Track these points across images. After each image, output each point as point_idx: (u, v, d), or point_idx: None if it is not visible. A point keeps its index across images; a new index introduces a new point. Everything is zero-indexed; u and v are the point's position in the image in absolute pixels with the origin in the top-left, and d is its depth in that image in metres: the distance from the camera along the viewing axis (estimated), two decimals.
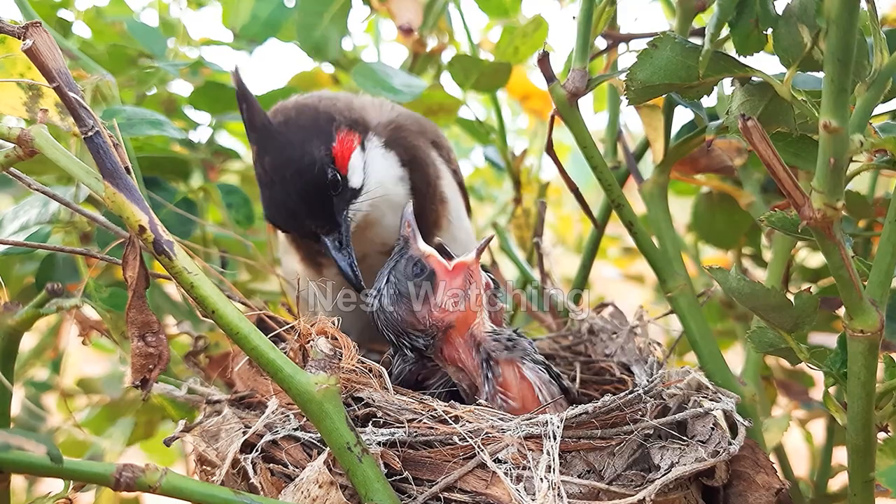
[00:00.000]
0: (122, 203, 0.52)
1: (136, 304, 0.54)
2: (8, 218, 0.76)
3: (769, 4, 0.56)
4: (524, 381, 0.66)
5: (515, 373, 0.66)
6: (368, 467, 0.54)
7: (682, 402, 0.65)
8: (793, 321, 0.59)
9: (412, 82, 0.97)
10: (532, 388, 0.66)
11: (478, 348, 0.67)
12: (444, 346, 0.68)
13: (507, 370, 0.67)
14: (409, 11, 1.01)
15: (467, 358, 0.68)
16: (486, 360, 0.67)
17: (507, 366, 0.67)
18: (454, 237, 0.82)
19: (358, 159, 0.72)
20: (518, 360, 0.67)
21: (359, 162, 0.72)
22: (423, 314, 0.67)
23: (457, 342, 0.68)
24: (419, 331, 0.67)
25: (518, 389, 0.66)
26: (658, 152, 0.75)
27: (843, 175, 0.49)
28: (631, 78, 0.60)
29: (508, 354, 0.67)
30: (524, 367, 0.67)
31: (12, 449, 0.45)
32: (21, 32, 0.52)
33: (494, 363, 0.67)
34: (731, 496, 0.65)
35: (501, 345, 0.67)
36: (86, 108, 0.52)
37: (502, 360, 0.67)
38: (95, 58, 0.91)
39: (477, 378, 0.67)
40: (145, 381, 0.54)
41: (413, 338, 0.67)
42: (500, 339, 0.67)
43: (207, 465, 0.64)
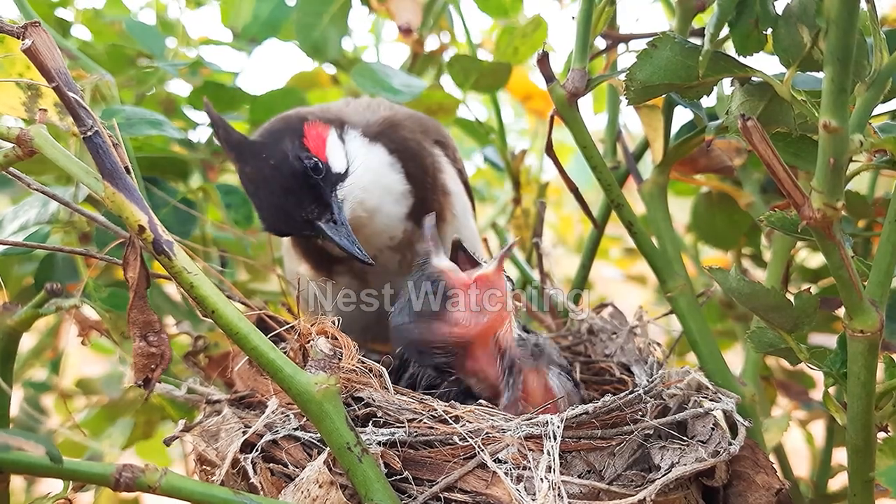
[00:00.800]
0: (122, 203, 0.52)
1: (138, 305, 0.54)
2: (7, 218, 0.76)
3: (769, 4, 0.56)
4: (548, 389, 0.66)
5: (540, 381, 0.66)
6: (368, 467, 0.54)
7: (683, 403, 0.65)
8: (792, 321, 0.59)
9: (412, 82, 0.98)
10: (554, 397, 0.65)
11: (502, 356, 0.65)
12: (465, 360, 0.66)
13: (531, 379, 0.66)
14: (409, 11, 1.01)
15: (490, 368, 0.66)
16: (509, 367, 0.65)
17: (531, 374, 0.66)
18: (459, 232, 0.81)
19: (336, 146, 0.72)
20: (544, 367, 0.66)
21: (338, 148, 0.72)
22: (442, 332, 0.65)
23: (479, 354, 0.66)
24: (440, 349, 0.66)
25: (542, 398, 0.65)
26: (657, 152, 0.75)
27: (842, 175, 0.49)
28: (630, 78, 0.60)
29: (534, 363, 0.66)
30: (549, 374, 0.66)
31: (12, 449, 0.45)
32: (20, 32, 0.51)
33: (518, 371, 0.65)
34: (731, 496, 0.65)
35: (527, 351, 0.66)
36: (85, 108, 0.52)
37: (527, 368, 0.66)
38: (94, 58, 0.91)
39: (499, 386, 0.65)
40: (148, 380, 0.54)
41: (434, 356, 0.66)
42: (525, 345, 0.66)
43: (207, 464, 0.64)
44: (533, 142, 1.27)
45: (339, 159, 0.72)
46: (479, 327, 0.65)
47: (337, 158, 0.71)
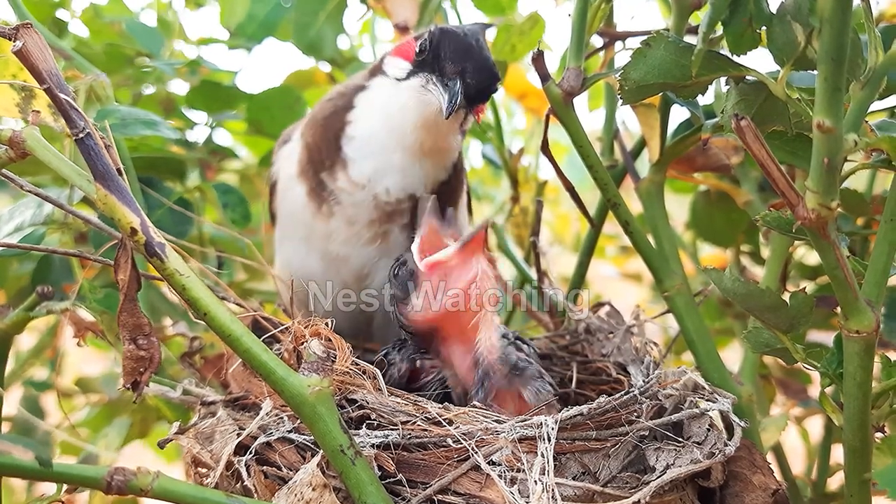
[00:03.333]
0: (114, 205, 0.52)
1: (128, 308, 0.54)
2: (3, 219, 0.76)
3: (763, 3, 0.56)
4: (523, 402, 0.65)
5: (514, 398, 0.66)
6: (362, 470, 0.53)
7: (679, 403, 0.64)
8: (788, 321, 0.59)
9: None
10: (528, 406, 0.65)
11: (476, 364, 0.65)
12: (440, 347, 0.67)
13: (502, 394, 0.65)
14: (405, 9, 1.01)
15: (463, 365, 0.66)
16: (482, 379, 0.65)
17: (503, 392, 0.65)
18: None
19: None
20: (518, 388, 0.66)
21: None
22: (404, 313, 0.66)
23: (452, 350, 0.66)
24: (407, 331, 0.67)
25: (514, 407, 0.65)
26: (654, 151, 0.75)
27: (837, 175, 0.49)
28: (625, 77, 0.60)
29: (508, 386, 0.65)
30: (525, 390, 0.66)
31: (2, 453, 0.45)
32: (12, 34, 0.51)
33: (490, 389, 0.65)
34: (728, 497, 0.64)
35: (504, 373, 0.65)
36: (76, 110, 0.51)
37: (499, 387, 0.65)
38: (92, 57, 0.90)
39: (470, 388, 0.66)
40: (136, 383, 0.54)
41: (407, 334, 0.68)
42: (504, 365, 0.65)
43: (202, 466, 0.64)
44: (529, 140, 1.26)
45: None
46: (435, 315, 0.64)
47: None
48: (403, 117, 0.73)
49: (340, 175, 0.75)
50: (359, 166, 0.74)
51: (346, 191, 0.75)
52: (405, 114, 0.72)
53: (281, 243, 0.84)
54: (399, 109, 0.73)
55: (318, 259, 0.79)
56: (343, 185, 0.75)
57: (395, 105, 0.73)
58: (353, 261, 0.78)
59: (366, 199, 0.75)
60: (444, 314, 0.64)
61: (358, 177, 0.74)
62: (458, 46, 0.70)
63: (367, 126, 0.75)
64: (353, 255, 0.78)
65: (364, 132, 0.75)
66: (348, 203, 0.75)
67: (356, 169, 0.74)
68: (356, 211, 0.76)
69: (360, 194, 0.75)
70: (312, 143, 0.77)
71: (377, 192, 0.75)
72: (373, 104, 0.75)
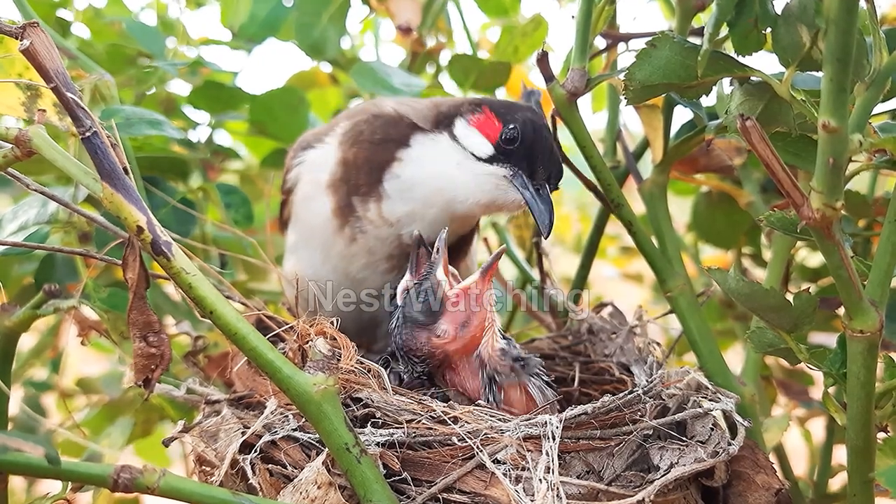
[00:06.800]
0: (120, 203, 0.52)
1: (138, 305, 0.54)
2: (7, 218, 0.76)
3: (768, 4, 0.56)
4: (530, 399, 0.66)
5: (521, 393, 0.66)
6: (367, 468, 0.54)
7: (682, 403, 0.64)
8: (792, 322, 0.59)
9: (411, 81, 0.98)
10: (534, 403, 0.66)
11: (483, 368, 0.66)
12: (446, 371, 0.67)
13: (511, 391, 0.66)
14: (408, 11, 1.01)
15: (468, 381, 0.67)
16: (490, 380, 0.66)
17: (512, 388, 0.66)
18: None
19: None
20: (524, 380, 0.66)
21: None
22: (422, 341, 0.66)
23: (460, 367, 0.67)
24: (417, 357, 0.66)
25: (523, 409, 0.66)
26: (657, 152, 0.75)
27: (842, 175, 0.49)
28: (629, 78, 0.60)
29: (515, 378, 0.66)
30: (530, 385, 0.66)
31: (10, 450, 0.45)
32: (18, 33, 0.51)
33: (499, 388, 0.66)
34: (731, 496, 0.65)
35: (508, 366, 0.66)
36: (83, 109, 0.52)
37: (507, 383, 0.66)
38: (94, 57, 0.90)
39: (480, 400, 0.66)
40: (148, 380, 0.54)
41: (414, 362, 0.67)
42: (507, 358, 0.66)
43: (206, 465, 0.64)
44: None
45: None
46: (462, 341, 0.66)
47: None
48: (467, 192, 0.72)
49: (372, 206, 0.74)
50: (392, 205, 0.74)
51: (373, 223, 0.75)
52: (473, 192, 0.72)
53: (295, 247, 0.84)
54: (465, 184, 0.72)
55: (331, 270, 0.79)
56: (372, 217, 0.74)
57: (462, 178, 0.72)
58: (370, 282, 0.78)
59: (390, 237, 0.75)
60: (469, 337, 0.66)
61: (389, 215, 0.74)
62: (547, 147, 0.70)
63: (416, 174, 0.73)
64: (370, 279, 0.78)
65: (411, 178, 0.73)
66: (372, 234, 0.75)
67: (389, 207, 0.74)
68: (378, 244, 0.76)
69: (385, 230, 0.75)
70: (352, 162, 0.76)
71: (402, 233, 0.75)
72: (433, 158, 0.73)
